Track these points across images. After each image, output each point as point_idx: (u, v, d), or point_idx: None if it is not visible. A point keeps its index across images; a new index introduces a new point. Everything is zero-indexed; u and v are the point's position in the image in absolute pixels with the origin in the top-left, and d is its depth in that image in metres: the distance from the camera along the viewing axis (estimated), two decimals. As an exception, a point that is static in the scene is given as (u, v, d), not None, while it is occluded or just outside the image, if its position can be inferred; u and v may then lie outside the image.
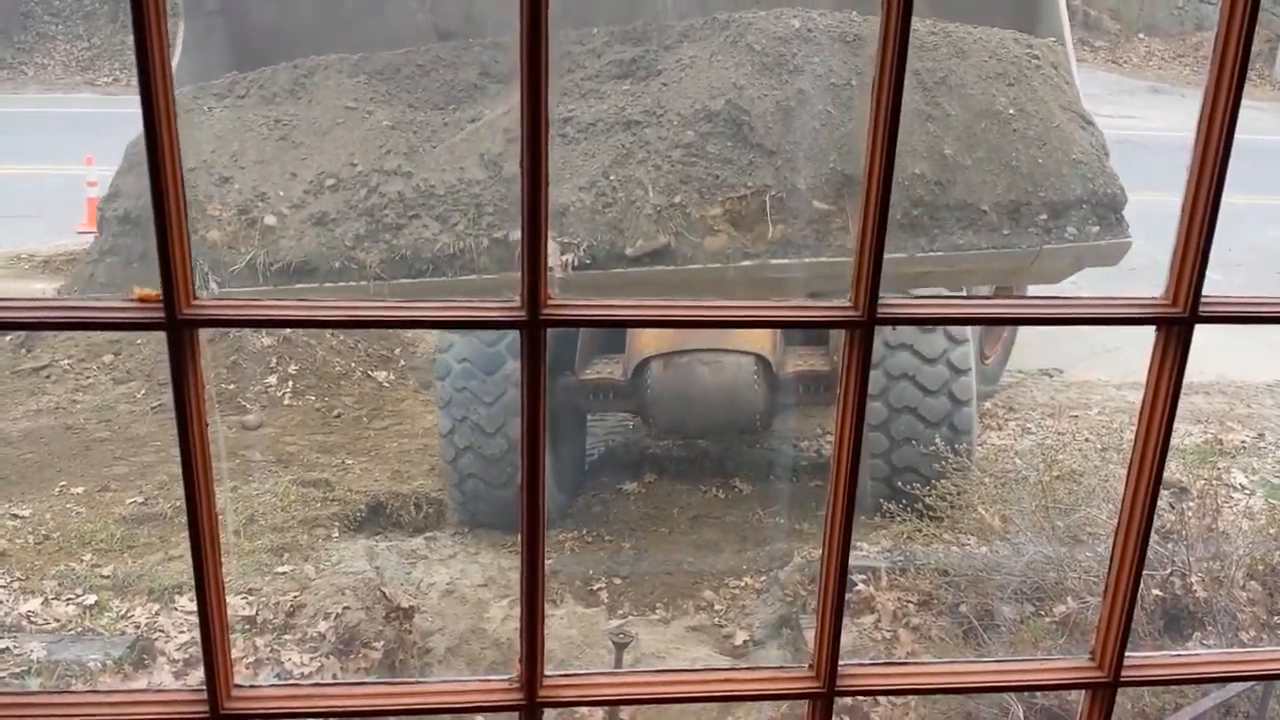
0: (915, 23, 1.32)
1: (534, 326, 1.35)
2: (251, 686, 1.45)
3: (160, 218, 1.26)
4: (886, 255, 1.34)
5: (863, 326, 1.32)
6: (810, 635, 7.90)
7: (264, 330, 11.26)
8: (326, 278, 6.42)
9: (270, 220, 6.32)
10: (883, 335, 7.75)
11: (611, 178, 6.29)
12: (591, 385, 9.32)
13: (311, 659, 7.48)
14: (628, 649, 7.75)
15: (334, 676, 7.35)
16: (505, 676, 1.51)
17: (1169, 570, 6.77)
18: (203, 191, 6.39)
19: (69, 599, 7.85)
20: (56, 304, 1.31)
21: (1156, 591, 6.66)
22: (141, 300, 1.26)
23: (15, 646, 7.20)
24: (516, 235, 6.34)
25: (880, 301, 1.31)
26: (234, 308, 1.26)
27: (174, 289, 1.23)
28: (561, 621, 8.36)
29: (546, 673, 1.49)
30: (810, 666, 1.53)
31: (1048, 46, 6.89)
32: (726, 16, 6.91)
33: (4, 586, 7.92)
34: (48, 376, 11.58)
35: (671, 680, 1.51)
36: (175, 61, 7.40)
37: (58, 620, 7.64)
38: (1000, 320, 1.54)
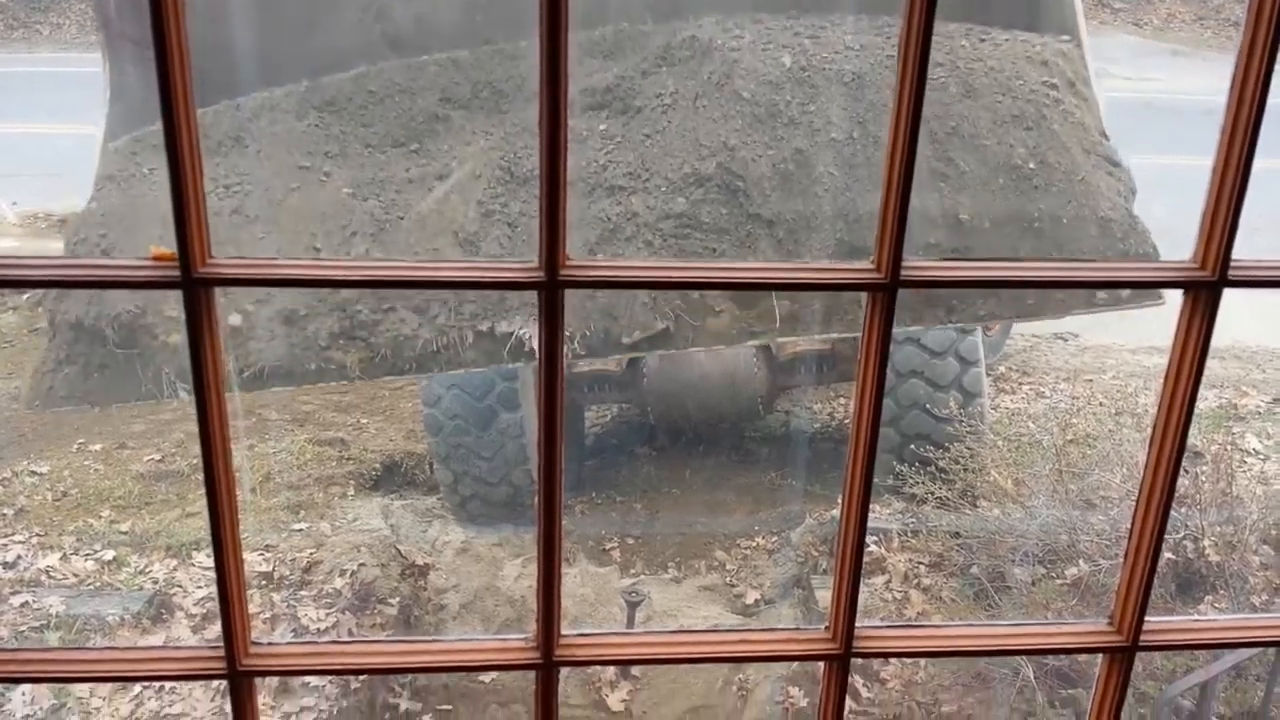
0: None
1: (552, 288, 1.33)
2: (269, 644, 1.46)
3: (175, 176, 1.25)
4: (897, 328, 1.31)
5: (885, 290, 1.30)
6: (822, 595, 7.95)
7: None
8: (304, 379, 6.02)
9: (235, 320, 5.82)
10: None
11: (599, 256, 5.82)
12: (586, 378, 9.02)
13: (327, 614, 7.54)
14: (640, 607, 7.80)
15: (350, 632, 7.42)
16: (522, 635, 1.51)
17: (1182, 534, 6.77)
18: (158, 290, 5.90)
19: (87, 554, 7.93)
20: (71, 263, 1.31)
21: (1169, 555, 6.66)
22: (157, 259, 1.25)
23: (34, 601, 7.28)
24: (504, 327, 6.09)
25: (904, 264, 1.30)
26: (250, 267, 1.25)
27: (189, 247, 1.22)
28: (574, 580, 8.41)
29: (563, 632, 1.49)
30: (826, 628, 1.53)
31: (1063, 56, 6.30)
32: (707, 40, 6.22)
33: (23, 542, 8.00)
34: (64, 334, 11.62)
35: (687, 641, 1.51)
36: (106, 108, 6.87)
37: (76, 575, 7.71)
38: (1027, 284, 1.52)
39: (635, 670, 7.92)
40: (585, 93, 6.28)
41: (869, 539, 7.82)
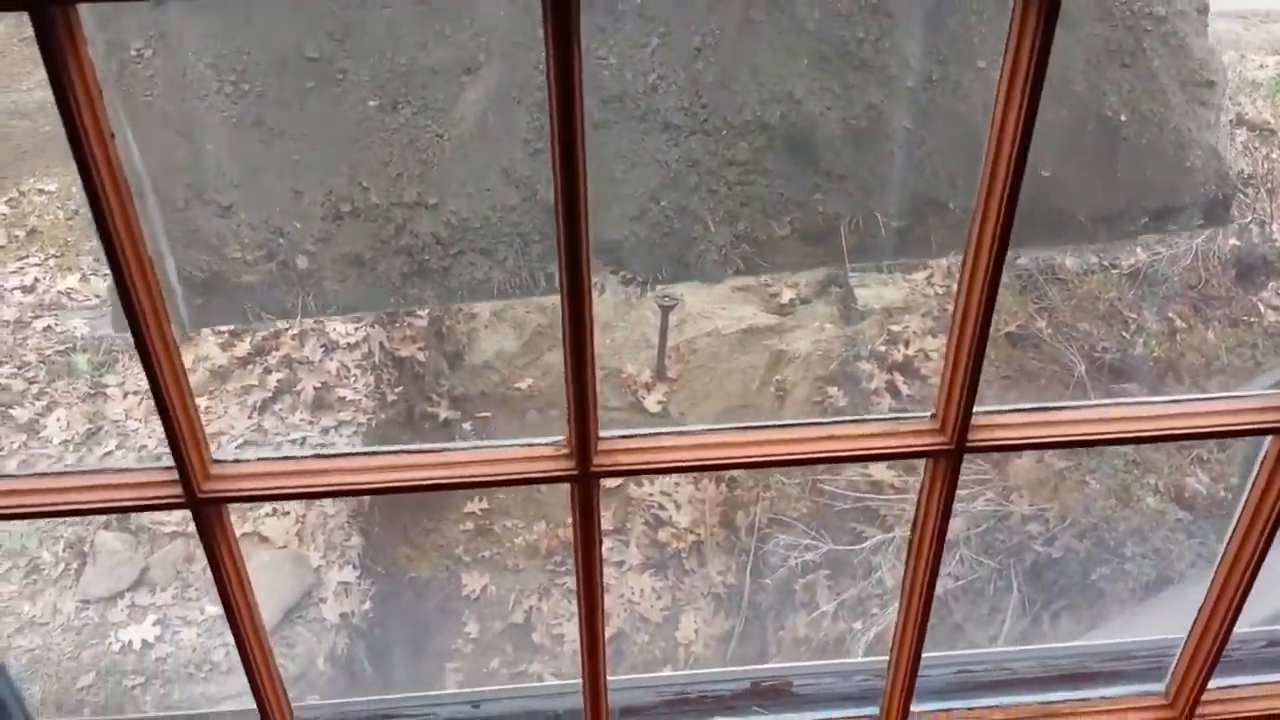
0: None
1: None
2: (234, 462, 1.17)
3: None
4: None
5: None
6: (861, 293, 7.71)
7: None
8: (383, 308, 6.22)
9: (302, 263, 5.76)
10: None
11: (663, 203, 5.64)
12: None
13: (356, 329, 7.39)
14: (673, 311, 7.61)
15: (381, 345, 7.29)
16: (553, 440, 1.21)
17: (1249, 218, 6.38)
18: (214, 232, 5.65)
19: (106, 275, 7.72)
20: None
21: (1234, 241, 6.31)
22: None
23: (57, 324, 7.15)
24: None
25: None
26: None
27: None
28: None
29: (601, 435, 1.19)
30: (934, 417, 1.22)
31: None
32: None
33: (39, 264, 7.80)
34: (55, 41, 10.98)
35: (765, 439, 1.21)
36: None
37: (98, 296, 7.55)
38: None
39: (671, 372, 7.84)
40: None
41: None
